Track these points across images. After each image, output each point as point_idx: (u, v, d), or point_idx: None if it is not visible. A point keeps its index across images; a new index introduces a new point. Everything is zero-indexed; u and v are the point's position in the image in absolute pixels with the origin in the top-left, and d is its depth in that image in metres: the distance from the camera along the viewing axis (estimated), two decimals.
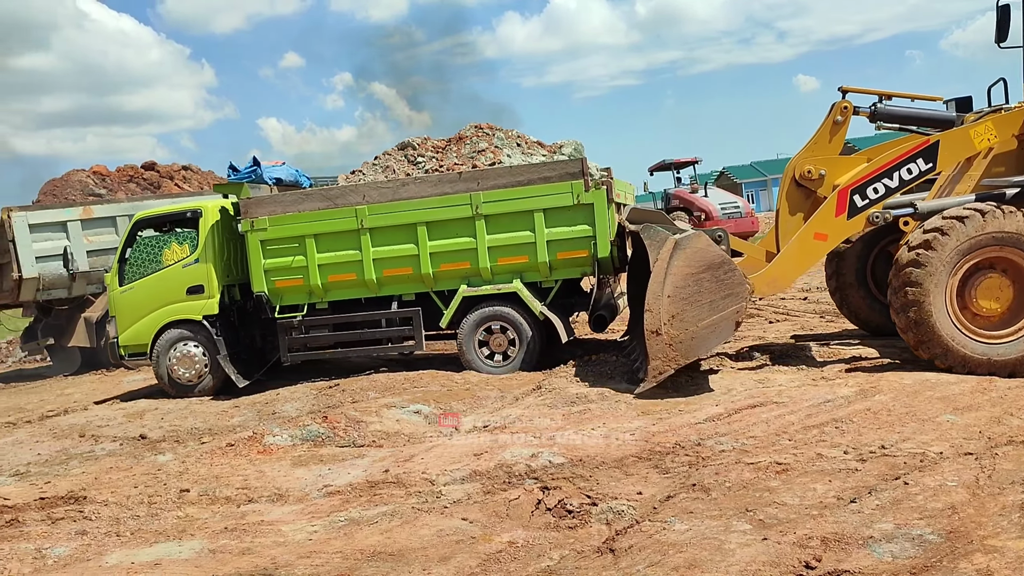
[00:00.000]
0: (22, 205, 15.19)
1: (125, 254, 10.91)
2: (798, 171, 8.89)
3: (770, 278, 8.51)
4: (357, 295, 10.31)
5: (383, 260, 10.00)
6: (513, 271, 9.82)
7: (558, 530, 4.81)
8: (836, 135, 8.77)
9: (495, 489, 5.53)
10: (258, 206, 10.28)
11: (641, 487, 5.29)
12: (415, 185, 10.15)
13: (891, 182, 8.24)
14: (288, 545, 4.94)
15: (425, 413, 8.11)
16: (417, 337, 10.13)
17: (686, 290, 7.51)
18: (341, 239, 10.04)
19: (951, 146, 8.25)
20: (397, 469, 6.20)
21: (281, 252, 10.21)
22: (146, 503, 6.05)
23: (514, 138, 13.02)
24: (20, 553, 5.22)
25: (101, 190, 21.92)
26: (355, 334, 10.36)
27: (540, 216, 9.56)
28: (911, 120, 9.03)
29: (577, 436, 6.52)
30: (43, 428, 9.58)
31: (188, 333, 10.55)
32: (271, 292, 10.37)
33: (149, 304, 10.66)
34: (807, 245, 8.42)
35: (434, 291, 10.14)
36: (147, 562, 4.87)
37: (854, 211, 8.25)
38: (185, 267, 10.55)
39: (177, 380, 10.60)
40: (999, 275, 7.52)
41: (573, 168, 9.63)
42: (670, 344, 7.49)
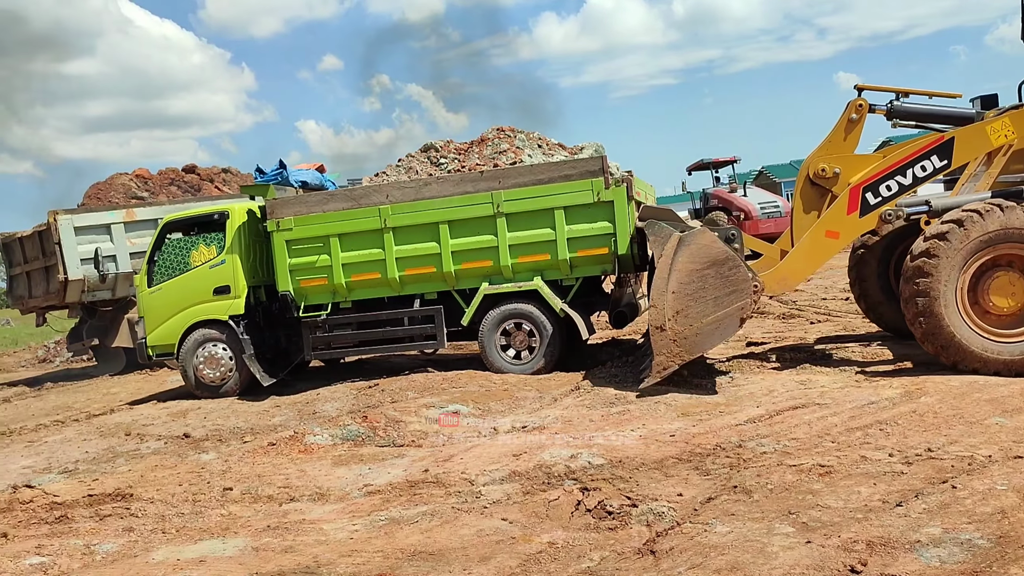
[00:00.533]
0: (67, 208, 15.51)
1: (154, 256, 11.13)
2: (812, 169, 8.76)
3: (780, 276, 8.47)
4: (380, 294, 10.42)
5: (406, 259, 10.10)
6: (534, 269, 9.87)
7: (598, 531, 4.80)
8: (851, 133, 8.67)
9: (534, 490, 5.54)
10: (284, 206, 10.45)
11: (682, 488, 5.25)
12: (437, 184, 10.26)
13: (904, 179, 8.15)
14: (330, 543, 4.98)
15: (464, 413, 8.13)
16: (439, 335, 10.21)
17: (690, 286, 7.51)
18: (365, 238, 10.17)
19: (966, 142, 8.13)
20: (436, 469, 6.22)
21: (306, 252, 10.37)
22: (190, 501, 6.14)
23: (535, 140, 13.07)
24: (69, 549, 5.33)
25: (143, 193, 22.30)
26: (378, 333, 10.47)
27: (561, 214, 9.62)
28: (928, 117, 8.82)
29: (616, 437, 6.50)
30: (90, 426, 9.78)
31: (214, 333, 10.72)
32: (296, 292, 10.50)
33: (177, 305, 10.87)
34: (818, 243, 8.36)
35: (456, 290, 10.23)
36: (192, 559, 4.94)
37: (866, 209, 8.18)
38: (212, 268, 10.74)
39: (203, 380, 10.77)
40: (1012, 273, 7.42)
41: (593, 166, 9.68)
42: (674, 340, 7.50)
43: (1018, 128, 8.01)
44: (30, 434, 10.04)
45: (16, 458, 8.61)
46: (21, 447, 9.20)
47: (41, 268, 15.50)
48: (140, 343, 11.24)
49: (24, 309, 16.99)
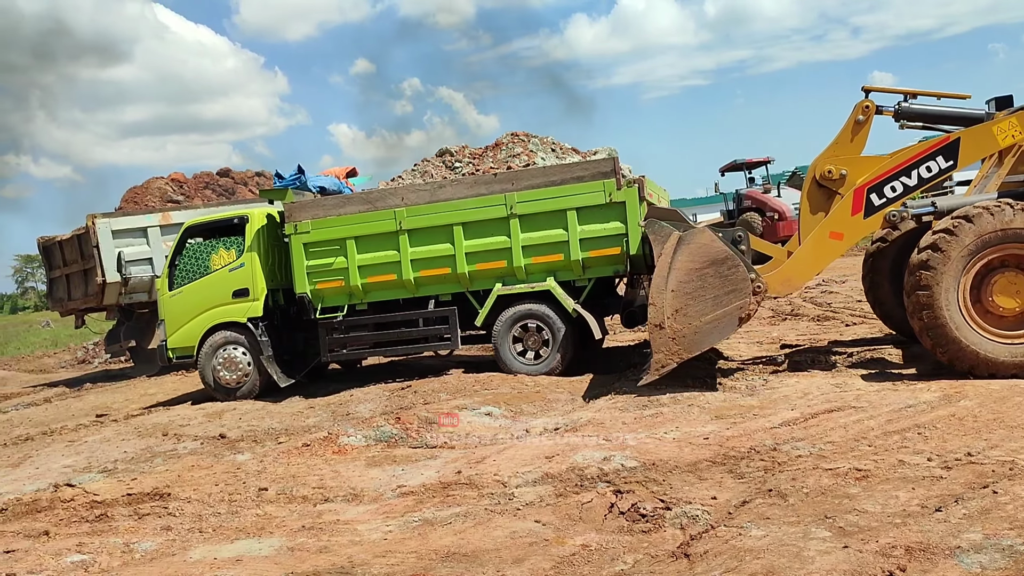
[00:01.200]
0: (105, 212, 15.78)
1: (175, 260, 11.33)
2: (818, 171, 8.69)
3: (784, 277, 8.47)
4: (396, 296, 10.53)
5: (421, 260, 10.21)
6: (547, 270, 9.95)
7: (631, 534, 4.78)
8: (858, 135, 8.60)
9: (567, 492, 5.53)
10: (301, 210, 10.60)
11: (716, 492, 5.22)
12: (452, 187, 10.38)
13: (909, 180, 8.11)
14: (364, 544, 5.02)
15: (496, 415, 8.15)
16: (453, 336, 10.32)
17: (689, 285, 7.57)
18: (380, 240, 10.29)
19: (972, 143, 8.06)
20: (469, 470, 6.24)
21: (323, 254, 10.50)
22: (226, 501, 6.21)
23: (549, 144, 13.14)
24: (109, 547, 5.42)
25: (179, 196, 22.60)
26: (393, 334, 10.60)
27: (573, 215, 9.68)
28: (936, 118, 8.70)
29: (650, 439, 6.47)
30: (128, 427, 9.93)
31: (233, 336, 10.89)
32: (313, 294, 10.63)
33: (197, 307, 11.07)
34: (822, 244, 8.36)
35: (470, 291, 10.31)
36: (229, 558, 5.00)
37: (871, 210, 8.16)
38: (231, 271, 10.92)
39: (221, 383, 10.95)
40: (1016, 273, 7.37)
41: (605, 167, 9.74)
42: (673, 338, 7.57)
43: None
44: (70, 433, 10.22)
45: (57, 457, 8.77)
46: (62, 446, 9.37)
47: (80, 271, 15.80)
48: (161, 345, 11.44)
49: (63, 311, 17.32)
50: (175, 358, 11.31)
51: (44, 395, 15.21)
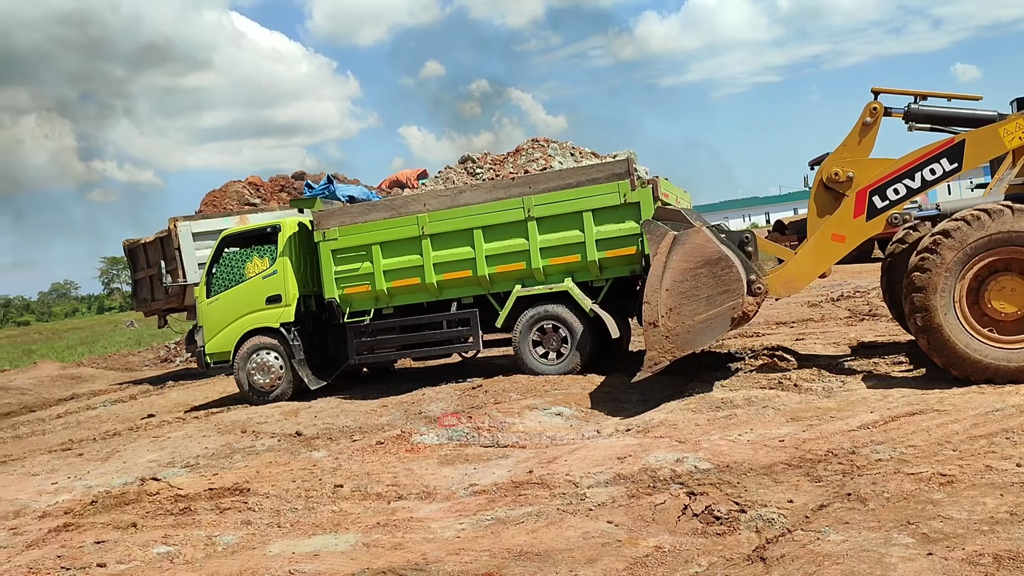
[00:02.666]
0: (186, 215, 16.29)
1: (212, 268, 11.80)
2: (825, 173, 8.53)
3: (785, 278, 8.47)
4: (420, 299, 10.86)
5: (443, 264, 10.53)
6: (565, 271, 10.17)
7: (706, 536, 4.73)
8: (866, 137, 8.43)
9: (640, 493, 5.50)
10: (329, 217, 11.03)
11: (792, 495, 5.13)
12: (471, 192, 10.67)
13: (913, 183, 8.02)
14: (437, 542, 5.07)
15: (567, 415, 8.15)
16: (474, 338, 10.64)
17: (684, 284, 7.67)
18: (404, 246, 10.65)
19: (978, 145, 7.90)
20: (541, 470, 6.25)
21: (350, 260, 10.92)
22: (303, 497, 6.35)
23: (568, 149, 13.19)
24: (193, 539, 5.60)
25: (256, 199, 23.13)
26: (417, 336, 10.95)
27: (589, 216, 9.90)
28: (946, 120, 8.44)
29: (723, 441, 6.38)
30: (208, 423, 10.24)
31: (267, 340, 11.35)
32: (341, 298, 11.04)
33: (232, 314, 11.54)
34: (824, 246, 8.33)
35: (491, 293, 10.58)
36: (307, 553, 5.12)
37: (873, 212, 8.10)
38: (265, 278, 11.40)
39: (255, 386, 11.37)
40: (1015, 277, 7.24)
41: (619, 169, 9.91)
42: (666, 336, 7.69)
43: None
44: (155, 429, 10.60)
45: (143, 452, 9.10)
46: (147, 442, 9.72)
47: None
48: (199, 351, 11.91)
49: (147, 312, 17.94)
50: (212, 363, 11.80)
51: (129, 392, 15.81)
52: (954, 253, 7.24)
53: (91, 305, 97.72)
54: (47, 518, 6.83)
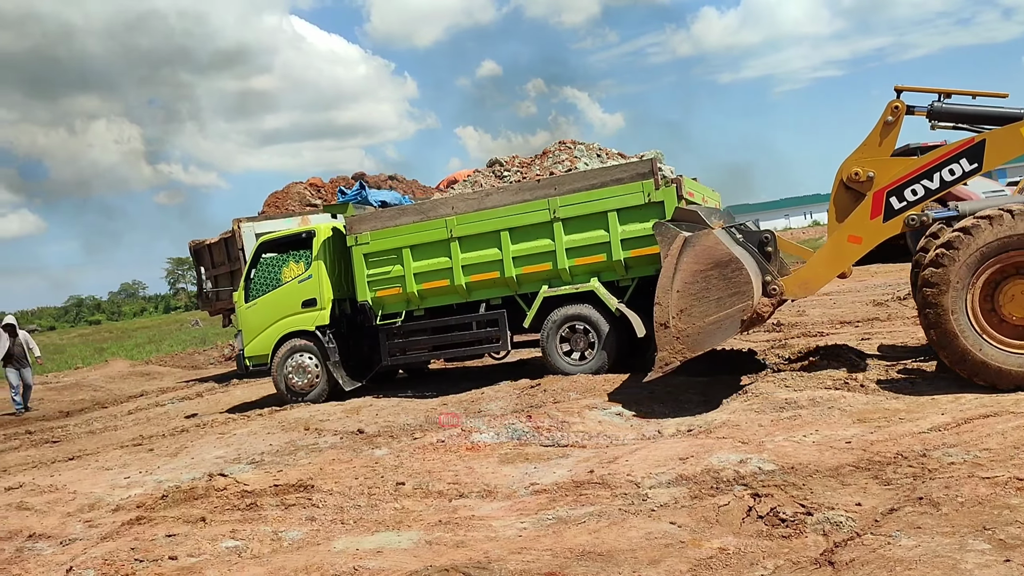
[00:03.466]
0: (249, 216, 16.63)
1: (250, 274, 12.09)
2: (845, 173, 8.34)
3: (801, 280, 8.43)
4: (449, 301, 11.04)
5: (471, 266, 10.68)
6: (591, 271, 10.23)
7: (771, 539, 4.65)
8: (887, 136, 8.24)
9: (703, 494, 5.44)
10: (361, 222, 11.27)
11: (860, 498, 5.01)
12: (498, 194, 10.78)
13: (931, 183, 7.88)
14: (499, 540, 5.09)
15: (627, 415, 8.10)
16: (503, 339, 10.74)
17: (694, 286, 7.68)
18: (433, 248, 10.82)
19: (998, 144, 7.71)
20: (602, 470, 6.22)
21: (381, 263, 11.13)
22: (366, 494, 6.43)
23: (595, 150, 13.16)
24: (260, 534, 5.71)
25: (317, 200, 23.49)
26: (447, 337, 11.09)
27: (614, 216, 9.95)
28: (970, 118, 8.17)
29: (788, 443, 6.27)
30: (273, 421, 10.43)
31: (303, 343, 11.61)
32: (374, 301, 11.27)
33: (270, 317, 11.83)
34: (840, 248, 8.26)
35: (518, 294, 10.69)
36: (370, 549, 5.18)
37: (890, 213, 7.98)
38: (300, 282, 11.66)
39: (292, 387, 11.65)
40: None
41: (643, 168, 9.94)
42: (677, 337, 7.71)
43: None
44: (220, 426, 10.84)
45: (210, 448, 9.31)
46: (214, 438, 9.94)
47: (227, 272, 16.71)
48: (239, 354, 12.25)
49: (212, 311, 18.38)
50: (252, 365, 12.11)
51: (196, 390, 16.21)
52: (967, 255, 7.10)
53: (158, 305, 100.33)
54: (120, 511, 7.04)
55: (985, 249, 7.07)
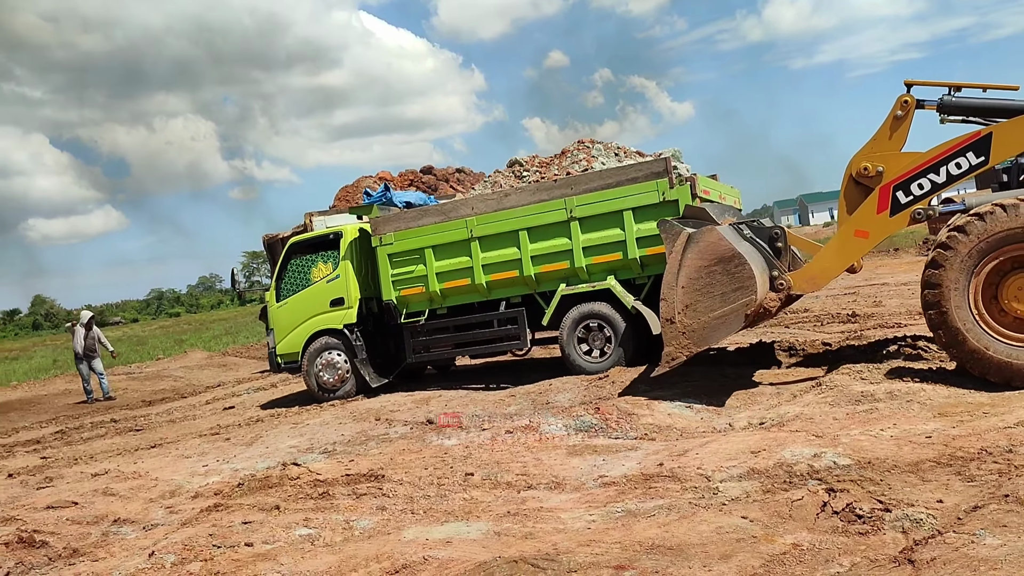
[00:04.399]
0: (320, 210, 16.90)
1: (281, 274, 12.43)
2: (855, 168, 8.37)
3: (809, 275, 8.48)
4: (471, 299, 11.29)
5: (491, 265, 10.92)
6: (607, 269, 10.41)
7: (847, 535, 4.53)
8: (897, 130, 8.24)
9: (775, 488, 5.33)
10: (385, 223, 11.57)
11: (941, 495, 4.85)
12: (516, 195, 10.94)
13: (938, 177, 7.88)
14: (568, 532, 5.07)
15: (698, 408, 7.99)
16: (522, 336, 10.97)
17: (699, 282, 7.78)
18: (454, 248, 11.08)
19: (1005, 137, 7.67)
20: (671, 463, 6.15)
21: (405, 263, 11.43)
22: (435, 484, 6.48)
23: (612, 149, 13.10)
24: (332, 523, 5.81)
25: None
26: (469, 335, 11.39)
27: (629, 215, 10.08)
28: (980, 111, 8.10)
29: (864, 437, 6.10)
30: (344, 411, 10.61)
31: (332, 341, 11.90)
32: (398, 300, 11.57)
33: (300, 316, 12.15)
34: (847, 242, 8.28)
35: (537, 292, 10.92)
36: (440, 539, 5.22)
37: (897, 208, 8.01)
38: (329, 282, 11.97)
39: (322, 384, 11.94)
40: None
41: (658, 167, 10.03)
42: (683, 332, 7.85)
43: None
44: (294, 416, 11.08)
45: (284, 438, 9.52)
46: (287, 428, 10.16)
47: None
48: (271, 352, 12.58)
49: None
50: (283, 364, 12.40)
51: (271, 380, 16.59)
52: (968, 248, 7.10)
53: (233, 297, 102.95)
54: (199, 498, 7.25)
55: (981, 246, 7.08)
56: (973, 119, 8.17)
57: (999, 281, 7.20)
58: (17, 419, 16.01)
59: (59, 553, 6.13)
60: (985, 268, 7.16)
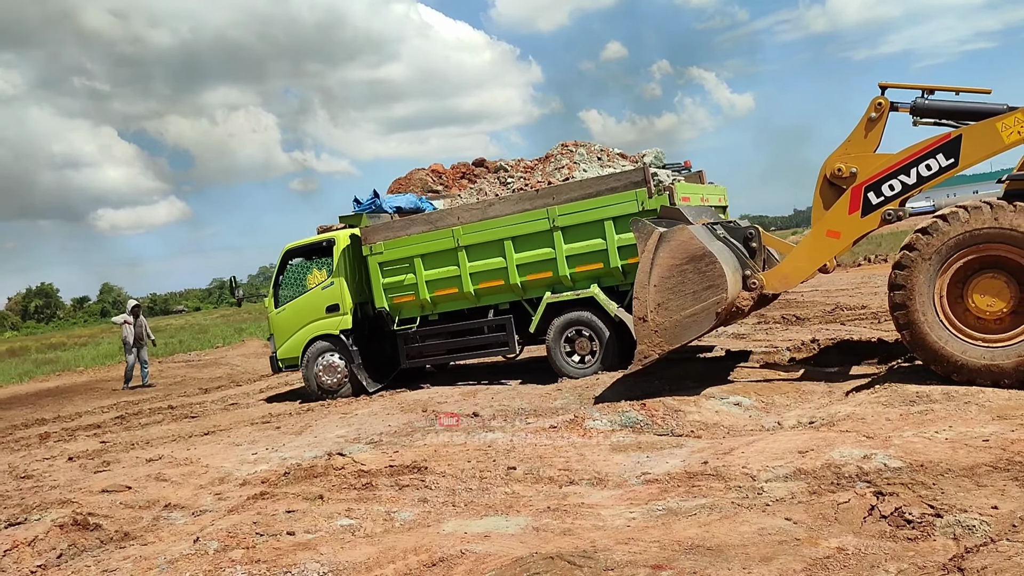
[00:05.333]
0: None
1: (278, 280, 12.69)
2: (829, 169, 8.45)
3: (782, 274, 8.55)
4: (461, 306, 11.51)
5: (478, 273, 11.11)
6: (591, 277, 10.53)
7: (895, 540, 4.40)
8: (871, 132, 8.32)
9: (822, 490, 5.19)
10: (375, 233, 11.75)
11: (997, 501, 4.66)
12: (500, 204, 11.10)
13: (908, 179, 7.95)
14: (607, 529, 5.02)
15: (745, 406, 7.85)
16: (510, 342, 11.19)
17: (670, 280, 7.85)
18: (442, 257, 11.28)
19: (975, 140, 7.74)
20: (716, 462, 6.05)
21: (395, 272, 11.66)
22: (478, 477, 6.48)
23: (595, 152, 12.94)
24: (373, 514, 5.85)
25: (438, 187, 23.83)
26: (460, 341, 11.61)
27: (610, 224, 10.18)
28: (952, 114, 8.14)
29: (917, 439, 5.91)
30: (393, 402, 10.70)
31: (329, 346, 12.11)
32: (391, 307, 11.84)
33: (298, 322, 12.43)
34: (819, 242, 8.38)
35: (524, 299, 11.10)
36: (478, 533, 5.21)
37: (868, 208, 8.09)
38: (324, 289, 12.21)
39: (323, 385, 12.17)
40: (997, 274, 7.16)
41: (636, 177, 10.11)
42: (655, 330, 7.94)
43: None
44: (343, 406, 11.20)
45: (332, 428, 9.64)
46: (336, 418, 10.28)
47: None
48: (272, 356, 12.88)
49: None
50: (284, 367, 12.74)
51: None
52: (932, 250, 7.22)
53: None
54: (247, 486, 7.38)
55: (946, 248, 7.18)
56: (946, 122, 8.22)
57: (964, 282, 7.29)
58: (82, 404, 16.51)
59: (111, 536, 6.29)
60: (950, 269, 7.25)
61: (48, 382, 22.74)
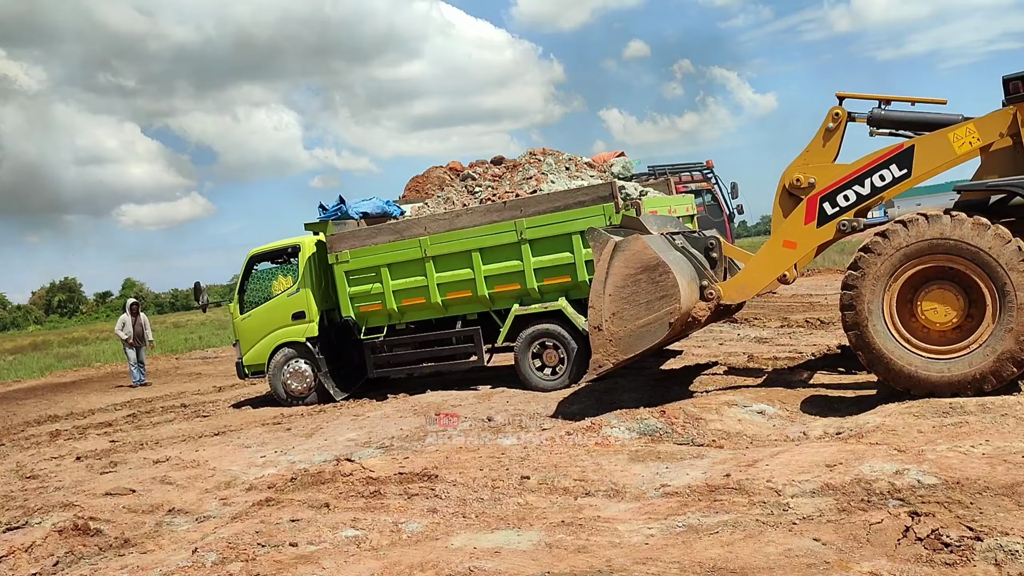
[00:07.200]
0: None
1: (244, 286, 12.46)
2: (788, 179, 8.41)
3: (739, 285, 8.54)
4: (428, 316, 11.37)
5: (446, 284, 10.97)
6: (559, 290, 10.45)
7: (931, 565, 4.11)
8: (829, 142, 8.32)
9: (852, 508, 4.91)
10: (340, 241, 11.50)
11: None
12: (467, 215, 10.93)
13: (862, 189, 7.97)
14: (623, 547, 4.76)
15: (770, 414, 7.56)
16: (478, 353, 11.06)
17: (625, 290, 7.80)
18: (409, 267, 11.10)
19: (927, 150, 7.76)
20: (739, 474, 5.77)
21: (362, 281, 11.42)
22: (490, 487, 6.24)
23: (564, 161, 12.69)
24: (380, 525, 5.62)
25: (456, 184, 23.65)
26: (427, 351, 11.48)
27: (578, 238, 10.01)
28: (908, 125, 8.20)
29: (952, 453, 5.60)
30: (406, 404, 10.48)
31: (295, 353, 12.00)
32: (357, 316, 11.61)
33: (264, 329, 12.23)
34: (775, 253, 8.38)
35: (493, 311, 10.97)
36: (488, 548, 4.97)
37: (824, 219, 8.10)
38: (289, 296, 12.05)
39: (291, 392, 11.99)
40: (942, 285, 7.21)
41: (604, 192, 10.06)
42: (610, 340, 7.87)
43: (983, 134, 7.56)
44: (356, 408, 11.00)
45: (343, 430, 9.43)
46: (348, 420, 10.08)
47: None
48: (238, 362, 12.64)
49: None
50: (250, 373, 12.53)
51: None
52: (880, 263, 7.25)
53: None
54: (253, 491, 7.18)
55: (900, 254, 7.18)
56: (901, 132, 8.16)
57: (915, 290, 7.30)
58: (96, 400, 16.42)
59: (110, 543, 6.11)
60: (903, 276, 7.25)
61: (66, 377, 22.76)
